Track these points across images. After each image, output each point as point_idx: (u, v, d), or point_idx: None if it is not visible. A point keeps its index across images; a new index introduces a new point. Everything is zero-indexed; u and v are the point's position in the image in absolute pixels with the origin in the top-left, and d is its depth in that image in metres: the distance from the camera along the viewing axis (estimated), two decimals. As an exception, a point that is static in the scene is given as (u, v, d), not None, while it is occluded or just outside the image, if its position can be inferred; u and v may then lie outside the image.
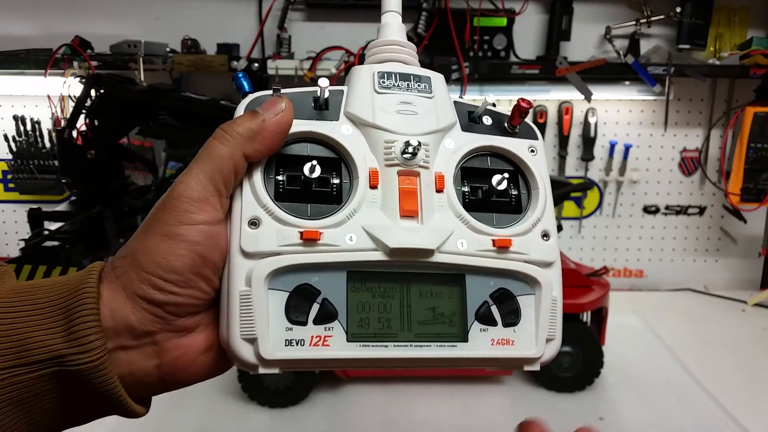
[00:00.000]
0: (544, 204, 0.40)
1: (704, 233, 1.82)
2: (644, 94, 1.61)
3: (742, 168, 1.56)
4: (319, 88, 0.38)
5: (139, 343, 0.33)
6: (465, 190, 0.39)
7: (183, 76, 1.64)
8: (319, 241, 0.35)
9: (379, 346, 0.36)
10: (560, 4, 1.58)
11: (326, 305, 0.35)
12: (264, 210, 0.35)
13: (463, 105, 0.41)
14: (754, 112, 1.53)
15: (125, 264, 0.33)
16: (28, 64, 1.46)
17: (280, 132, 0.35)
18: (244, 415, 1.03)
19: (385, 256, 0.36)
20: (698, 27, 1.56)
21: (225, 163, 0.34)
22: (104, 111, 1.14)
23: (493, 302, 0.38)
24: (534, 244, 0.39)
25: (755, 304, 1.62)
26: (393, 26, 0.42)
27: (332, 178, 0.37)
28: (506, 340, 0.38)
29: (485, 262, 0.37)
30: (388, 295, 0.36)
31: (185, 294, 0.33)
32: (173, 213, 0.33)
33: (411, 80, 0.39)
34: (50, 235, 1.11)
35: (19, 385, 0.30)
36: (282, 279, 0.35)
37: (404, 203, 0.36)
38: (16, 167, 1.64)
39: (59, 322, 0.31)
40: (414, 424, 1.02)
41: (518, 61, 1.56)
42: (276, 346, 0.34)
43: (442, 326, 0.37)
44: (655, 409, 1.08)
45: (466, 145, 0.40)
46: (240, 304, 0.34)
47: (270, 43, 1.61)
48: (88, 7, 1.60)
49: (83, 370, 0.30)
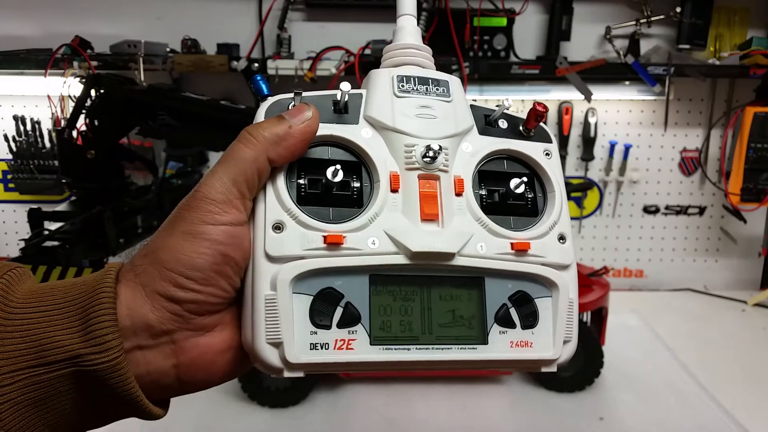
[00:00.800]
0: (560, 207, 0.40)
1: (704, 233, 1.82)
2: (644, 94, 1.61)
3: (742, 168, 1.56)
4: (340, 91, 0.38)
5: (157, 342, 0.33)
6: (482, 194, 0.40)
7: (183, 76, 1.64)
8: (342, 245, 0.35)
9: (401, 349, 0.36)
10: (560, 4, 1.57)
11: (350, 309, 0.35)
12: (288, 214, 0.35)
13: (479, 109, 0.42)
14: (754, 112, 1.53)
15: (146, 262, 0.33)
16: (28, 64, 1.45)
17: (305, 139, 0.36)
18: (244, 415, 1.03)
19: (406, 259, 0.36)
20: (698, 27, 1.56)
21: (249, 166, 0.34)
22: (104, 111, 1.13)
23: (511, 305, 0.38)
24: (551, 247, 0.39)
25: (755, 304, 1.62)
26: (409, 29, 0.42)
27: (353, 181, 0.38)
28: (525, 342, 0.38)
29: (504, 265, 0.38)
30: (409, 299, 0.37)
31: (206, 292, 0.34)
32: (197, 212, 0.34)
33: (429, 84, 0.40)
34: (50, 235, 1.11)
35: (38, 386, 0.30)
36: (306, 283, 0.35)
37: (425, 207, 0.37)
38: (16, 167, 1.64)
39: (76, 323, 0.31)
40: (414, 424, 1.02)
41: (518, 61, 1.56)
42: (301, 349, 0.34)
43: (462, 329, 0.37)
44: (655, 409, 1.08)
45: (484, 148, 0.40)
46: (265, 309, 0.34)
47: (270, 43, 1.61)
48: (88, 7, 1.60)
49: (100, 370, 0.31)
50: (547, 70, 1.53)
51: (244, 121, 1.23)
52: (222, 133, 1.07)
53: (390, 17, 1.76)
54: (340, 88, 0.38)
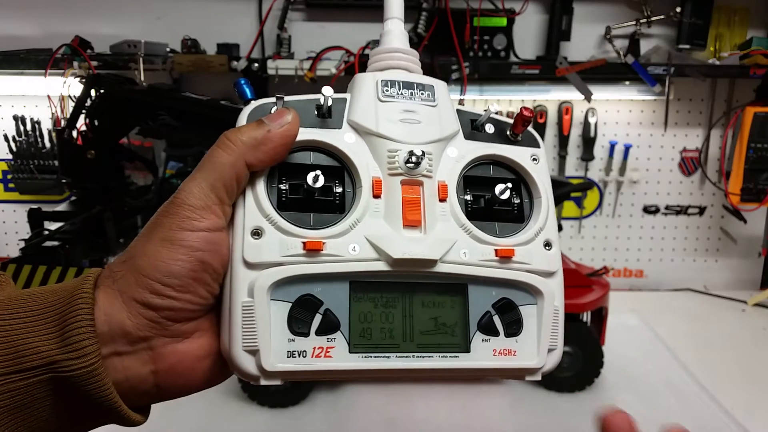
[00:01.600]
0: (546, 213, 0.40)
1: (704, 233, 1.82)
2: (644, 94, 1.61)
3: (742, 168, 1.56)
4: (323, 96, 0.37)
5: (135, 349, 0.33)
6: (467, 199, 0.39)
7: (183, 76, 1.64)
8: (322, 252, 0.35)
9: (381, 357, 0.35)
10: (560, 4, 1.57)
11: (328, 316, 0.35)
12: (267, 220, 0.35)
13: (465, 113, 0.41)
14: (754, 112, 1.53)
15: (124, 268, 0.33)
16: (28, 64, 1.45)
17: (284, 143, 0.35)
18: (244, 415, 1.03)
19: (388, 266, 0.35)
20: (698, 27, 1.56)
21: (227, 171, 0.34)
22: (104, 111, 1.13)
23: (495, 312, 0.38)
24: (536, 254, 0.38)
25: (755, 304, 1.62)
26: (395, 33, 0.42)
27: (335, 187, 0.37)
28: (508, 351, 0.38)
29: (488, 272, 0.37)
30: (390, 306, 0.36)
31: (183, 299, 0.33)
32: (175, 219, 0.33)
33: (414, 88, 0.39)
34: (50, 235, 1.11)
35: (15, 392, 0.30)
36: (284, 290, 0.34)
37: (407, 213, 0.36)
38: (16, 167, 1.64)
39: (53, 329, 0.31)
40: (414, 425, 1.02)
41: (518, 61, 1.56)
42: (278, 357, 0.34)
43: (444, 336, 0.37)
44: (655, 409, 1.08)
45: (469, 153, 0.40)
46: (242, 315, 0.34)
47: (270, 43, 1.61)
48: (88, 7, 1.60)
49: (76, 376, 0.30)
50: (547, 70, 1.53)
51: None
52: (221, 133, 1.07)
53: (390, 17, 1.75)
54: (322, 93, 0.37)
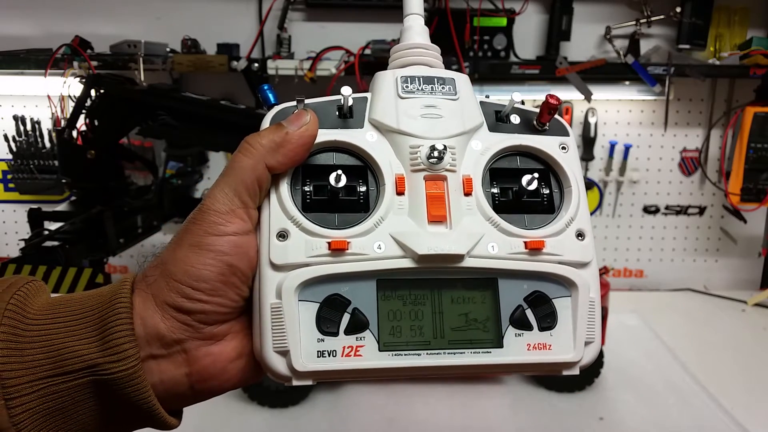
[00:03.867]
0: (578, 202, 0.39)
1: (704, 233, 1.81)
2: (644, 94, 1.61)
3: (742, 168, 1.56)
4: (343, 96, 0.37)
5: (169, 352, 0.34)
6: (495, 192, 0.39)
7: (183, 76, 1.64)
8: (347, 251, 0.35)
9: (411, 355, 0.35)
10: (560, 4, 1.57)
11: (357, 315, 0.35)
12: (292, 222, 0.35)
13: (489, 105, 0.41)
14: (754, 112, 1.53)
15: (156, 273, 0.34)
16: (28, 64, 1.45)
17: (303, 144, 0.35)
18: (244, 415, 1.03)
19: (414, 263, 0.35)
20: (698, 27, 1.56)
21: (248, 175, 0.34)
22: (104, 111, 1.14)
23: (527, 306, 0.37)
24: (568, 245, 0.37)
25: (755, 304, 1.62)
26: (416, 29, 0.42)
27: (359, 186, 0.37)
28: (543, 345, 0.37)
29: (518, 265, 0.36)
30: (419, 303, 0.36)
31: (213, 302, 0.34)
32: (202, 225, 0.34)
33: (435, 83, 0.39)
34: (50, 235, 1.11)
35: (56, 395, 0.31)
36: (312, 290, 0.35)
37: (432, 208, 0.36)
38: (16, 167, 1.64)
39: (94, 333, 0.32)
40: (414, 425, 1.02)
41: (518, 61, 1.56)
42: (308, 357, 0.34)
43: (475, 332, 0.36)
44: (655, 409, 1.08)
45: (494, 145, 0.39)
46: (271, 317, 0.34)
47: (270, 43, 1.61)
48: (88, 7, 1.60)
49: (117, 378, 0.31)
50: (547, 70, 1.53)
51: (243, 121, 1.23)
52: (222, 133, 1.07)
53: (390, 17, 1.76)
54: (341, 93, 0.37)
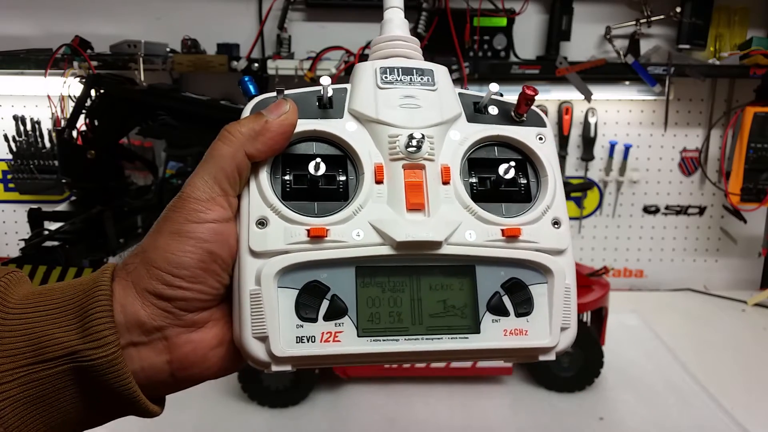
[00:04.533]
0: (554, 191, 0.39)
1: (704, 233, 1.82)
2: (644, 94, 1.61)
3: (742, 168, 1.56)
4: (322, 87, 0.38)
5: (150, 339, 0.34)
6: (473, 182, 0.39)
7: (183, 76, 1.64)
8: (326, 238, 0.35)
9: (390, 341, 0.36)
10: (560, 4, 1.57)
11: (336, 301, 0.35)
12: (271, 209, 0.35)
13: (468, 96, 0.41)
14: (754, 112, 1.53)
15: (136, 261, 0.34)
16: (28, 64, 1.46)
17: (282, 133, 0.36)
18: (244, 415, 1.03)
19: (392, 250, 0.36)
20: (698, 27, 1.56)
21: (227, 163, 0.35)
22: (104, 111, 1.14)
23: (504, 292, 0.37)
24: (545, 232, 0.38)
25: (755, 304, 1.62)
26: (395, 21, 0.42)
27: (338, 175, 0.37)
28: (519, 330, 0.37)
29: (495, 252, 0.37)
30: (398, 289, 0.36)
31: (194, 289, 0.34)
32: (182, 212, 0.34)
33: (414, 74, 0.39)
34: (50, 235, 1.11)
35: (37, 383, 0.31)
36: (291, 277, 0.35)
37: (410, 196, 0.36)
38: (16, 167, 1.64)
39: (74, 320, 0.32)
40: (414, 424, 1.02)
41: (518, 61, 1.56)
42: (287, 343, 0.35)
43: (453, 318, 0.37)
44: (655, 409, 1.08)
45: (472, 135, 0.40)
46: (251, 303, 0.34)
47: (270, 43, 1.61)
48: (88, 7, 1.60)
49: (98, 365, 0.31)
50: (547, 70, 1.54)
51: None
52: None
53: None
54: (320, 83, 0.38)
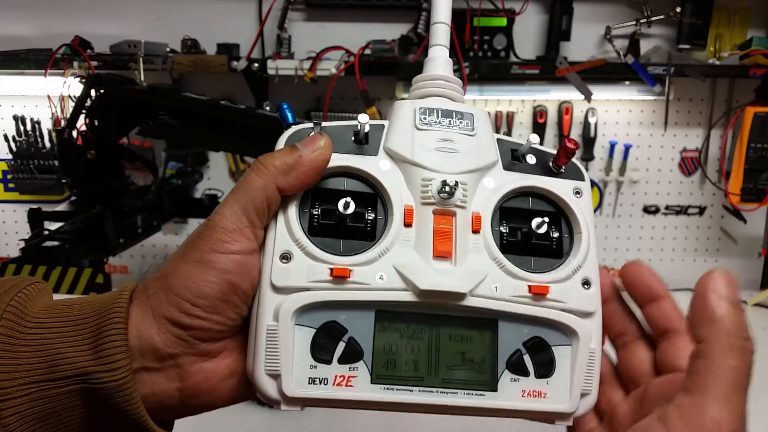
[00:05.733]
0: (587, 250, 0.38)
1: (704, 233, 1.82)
2: (644, 94, 1.61)
3: (742, 168, 1.56)
4: (359, 123, 0.37)
5: (163, 365, 0.34)
6: (503, 231, 0.38)
7: (183, 76, 1.64)
8: (348, 279, 0.34)
9: (403, 390, 0.35)
10: (560, 4, 1.57)
11: (352, 344, 0.35)
12: (296, 244, 0.35)
13: (506, 143, 0.40)
14: (754, 112, 1.53)
15: (156, 286, 0.34)
16: (28, 64, 1.46)
17: (315, 168, 0.35)
18: (244, 415, 1.03)
19: (415, 297, 0.35)
20: (698, 27, 1.56)
21: (258, 195, 0.34)
22: (104, 111, 1.14)
23: (526, 351, 0.36)
24: (573, 292, 0.37)
25: (755, 304, 1.62)
26: (439, 60, 0.42)
27: (367, 213, 0.37)
28: (538, 392, 0.36)
29: (520, 308, 0.36)
30: (416, 337, 0.35)
31: (211, 320, 0.34)
32: (208, 241, 0.34)
33: (453, 117, 0.38)
34: (50, 235, 1.11)
35: (47, 400, 0.31)
36: (309, 315, 0.34)
37: (438, 244, 0.36)
38: (16, 167, 1.64)
39: (88, 340, 0.32)
40: (414, 425, 1.02)
41: (518, 61, 1.56)
42: (299, 383, 0.34)
43: (470, 372, 0.36)
44: (655, 409, 1.08)
45: (507, 184, 0.38)
46: (266, 339, 0.34)
47: (270, 43, 1.61)
48: (88, 7, 1.60)
49: (107, 388, 0.31)
50: (547, 70, 1.53)
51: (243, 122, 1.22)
52: (222, 133, 1.07)
53: (390, 17, 1.76)
54: (358, 120, 0.37)
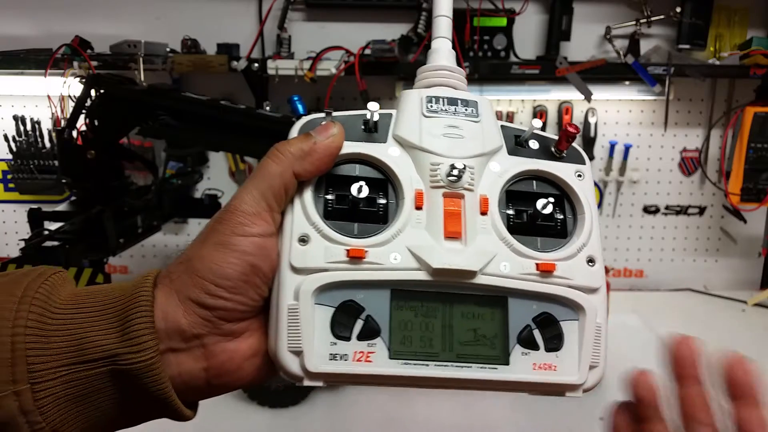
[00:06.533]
0: (590, 229, 0.40)
1: (704, 233, 1.82)
2: (644, 94, 1.61)
3: (742, 168, 1.56)
4: (369, 111, 0.39)
5: (189, 346, 0.35)
6: (510, 213, 0.40)
7: (183, 76, 1.64)
8: (364, 259, 0.36)
9: (420, 365, 0.36)
10: (560, 4, 1.57)
11: (370, 322, 0.36)
12: (313, 228, 0.36)
13: (509, 129, 0.42)
14: (754, 112, 1.53)
15: (180, 270, 0.36)
16: (28, 64, 1.46)
17: (329, 154, 0.37)
18: (244, 415, 1.03)
19: (428, 276, 0.36)
20: (698, 27, 1.56)
21: (276, 181, 0.36)
22: (104, 111, 1.14)
23: (535, 326, 0.38)
24: (579, 270, 0.39)
25: (755, 304, 1.62)
26: (443, 51, 0.44)
27: (379, 198, 0.38)
28: (548, 365, 0.38)
29: (528, 285, 0.37)
30: (430, 315, 0.37)
31: (234, 300, 0.35)
32: (228, 224, 0.36)
33: (458, 104, 0.40)
34: (50, 235, 1.11)
35: (78, 382, 0.32)
36: (328, 295, 0.36)
37: (448, 225, 0.37)
38: (16, 167, 1.64)
39: (115, 324, 0.33)
40: (414, 424, 1.02)
41: (518, 61, 1.56)
42: (320, 359, 0.35)
43: (483, 348, 0.37)
44: (655, 409, 1.08)
45: (512, 168, 0.40)
46: (288, 318, 0.35)
47: (270, 43, 1.61)
48: (88, 7, 1.60)
49: (135, 369, 0.33)
50: (547, 70, 1.53)
51: (243, 121, 1.22)
52: (222, 133, 1.07)
53: (390, 17, 1.76)
54: (368, 108, 0.39)
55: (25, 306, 0.32)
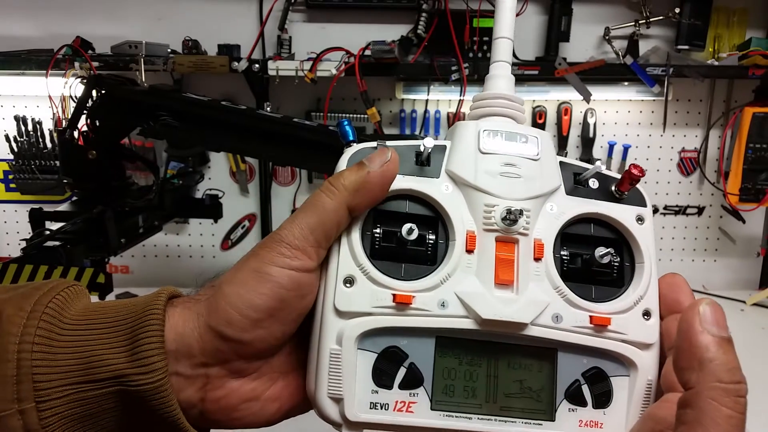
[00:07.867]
0: (648, 280, 0.37)
1: (703, 233, 1.82)
2: (643, 95, 1.61)
3: (741, 168, 1.56)
4: (423, 145, 0.37)
5: (194, 373, 0.34)
6: (564, 258, 0.38)
7: (184, 77, 1.64)
8: (411, 305, 0.35)
9: (462, 418, 0.35)
10: (559, 4, 1.58)
11: (413, 370, 0.35)
12: (359, 269, 0.35)
13: (569, 166, 0.40)
14: (753, 112, 1.53)
15: (209, 292, 0.34)
16: (30, 65, 1.46)
17: (384, 183, 0.35)
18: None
19: (476, 325, 0.35)
20: (697, 28, 1.57)
21: (329, 217, 0.34)
22: (105, 111, 1.14)
23: (584, 381, 0.36)
24: (634, 324, 0.36)
25: (754, 304, 1.63)
26: (503, 78, 0.41)
27: (428, 236, 0.37)
28: (595, 423, 0.36)
29: (580, 339, 0.36)
30: (475, 364, 0.35)
31: (254, 335, 0.34)
32: (269, 252, 0.34)
33: (517, 140, 0.37)
34: (51, 235, 1.11)
35: (84, 401, 0.31)
36: (372, 340, 0.35)
37: (500, 272, 0.35)
38: (17, 167, 1.64)
39: (124, 343, 0.32)
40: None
41: (517, 61, 1.57)
42: (361, 407, 0.34)
43: (528, 401, 0.35)
44: (654, 408, 1.08)
45: (569, 210, 0.38)
46: (329, 363, 0.34)
47: (270, 44, 1.62)
48: (89, 8, 1.61)
49: (143, 390, 0.31)
50: (546, 70, 1.54)
51: (244, 122, 1.22)
52: (223, 133, 1.08)
53: (390, 18, 1.77)
54: (423, 144, 0.37)
55: (33, 321, 0.31)
